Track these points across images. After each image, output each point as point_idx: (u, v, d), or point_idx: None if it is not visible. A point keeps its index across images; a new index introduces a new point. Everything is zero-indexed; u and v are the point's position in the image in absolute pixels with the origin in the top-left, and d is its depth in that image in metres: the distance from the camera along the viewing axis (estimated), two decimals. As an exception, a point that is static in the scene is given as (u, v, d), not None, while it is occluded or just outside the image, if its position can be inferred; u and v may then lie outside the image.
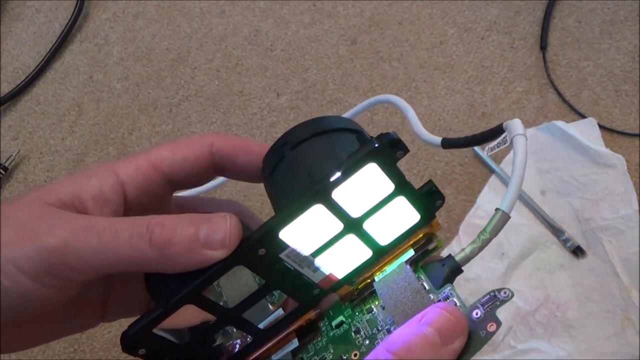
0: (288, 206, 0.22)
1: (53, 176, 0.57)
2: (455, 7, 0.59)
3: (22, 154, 0.58)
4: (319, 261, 0.24)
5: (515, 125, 0.24)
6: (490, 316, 0.22)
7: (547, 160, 0.52)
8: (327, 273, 0.24)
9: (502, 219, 0.23)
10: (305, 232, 0.23)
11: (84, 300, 0.25)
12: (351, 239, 0.24)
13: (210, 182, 0.28)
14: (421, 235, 0.25)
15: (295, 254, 0.23)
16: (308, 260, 0.23)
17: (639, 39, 0.56)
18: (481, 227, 0.26)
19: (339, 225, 0.23)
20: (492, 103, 0.55)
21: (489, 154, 0.25)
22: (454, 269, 0.24)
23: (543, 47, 0.56)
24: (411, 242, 0.25)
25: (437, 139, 0.28)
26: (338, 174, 0.21)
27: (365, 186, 0.22)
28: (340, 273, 0.25)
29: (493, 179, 0.52)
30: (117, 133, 0.58)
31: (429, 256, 0.26)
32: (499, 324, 0.22)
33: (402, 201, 0.23)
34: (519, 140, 0.23)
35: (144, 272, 0.24)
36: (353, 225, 0.23)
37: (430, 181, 0.24)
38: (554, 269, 0.49)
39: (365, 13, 0.60)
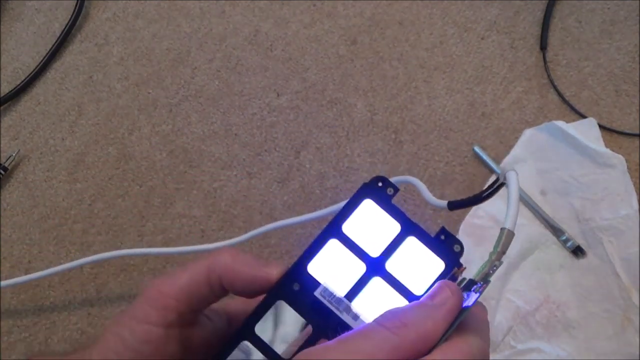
0: (310, 245, 0.27)
1: (53, 176, 0.57)
2: (455, 7, 0.59)
3: (22, 154, 0.58)
4: (356, 306, 0.27)
5: (507, 165, 0.29)
6: (485, 280, 0.26)
7: (547, 160, 0.52)
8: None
9: (508, 236, 0.26)
10: (331, 268, 0.27)
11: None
12: (380, 284, 0.27)
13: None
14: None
15: (329, 294, 0.26)
16: (344, 304, 0.27)
17: (639, 39, 0.56)
18: (481, 227, 0.27)
19: (361, 266, 0.27)
20: (492, 103, 0.55)
21: (486, 194, 0.29)
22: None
23: (543, 47, 0.56)
24: None
25: (443, 203, 0.31)
26: (341, 209, 0.27)
27: (371, 224, 0.27)
28: None
29: (493, 179, 0.52)
30: (117, 133, 0.58)
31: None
32: (488, 282, 0.26)
33: (416, 243, 0.27)
34: (510, 175, 0.28)
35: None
36: (375, 267, 0.27)
37: (442, 227, 0.28)
38: (554, 269, 0.49)
39: (365, 13, 0.59)
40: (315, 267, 0.27)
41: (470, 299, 0.25)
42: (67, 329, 0.52)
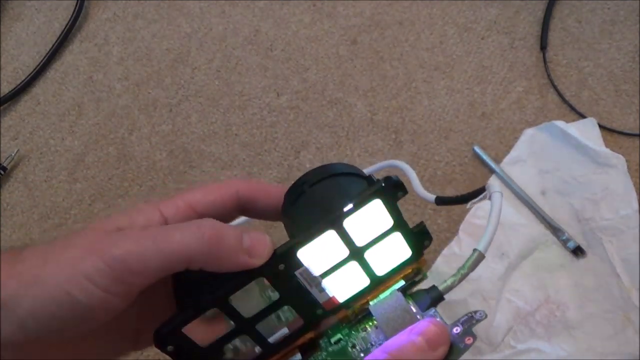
0: (307, 230, 0.26)
1: (53, 176, 0.57)
2: (455, 7, 0.59)
3: (21, 153, 0.58)
4: (325, 283, 0.28)
5: (494, 184, 0.30)
6: (468, 332, 0.27)
7: (547, 160, 0.52)
8: (330, 295, 0.28)
9: (478, 258, 0.28)
10: (318, 254, 0.27)
11: (122, 326, 0.28)
12: (354, 266, 0.28)
13: (234, 221, 0.34)
14: (410, 270, 0.29)
15: (307, 274, 0.27)
16: (317, 281, 0.28)
17: (639, 39, 0.56)
18: (481, 226, 0.28)
19: (345, 252, 0.27)
20: (492, 103, 0.55)
21: (470, 206, 0.31)
22: (437, 297, 0.29)
23: (543, 47, 0.56)
24: (402, 275, 0.29)
25: (432, 196, 0.33)
26: (350, 206, 0.26)
27: (369, 219, 0.27)
28: (341, 297, 0.29)
29: (493, 179, 0.52)
30: (117, 133, 0.58)
31: (416, 286, 0.30)
32: (474, 337, 0.27)
33: (397, 237, 0.28)
34: (495, 196, 0.29)
35: (174, 278, 0.28)
36: (357, 253, 0.28)
37: (421, 222, 0.29)
38: (554, 269, 0.49)
39: (365, 13, 0.60)
40: (305, 252, 0.27)
41: (458, 339, 0.27)
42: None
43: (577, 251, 0.48)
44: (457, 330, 0.27)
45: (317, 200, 0.29)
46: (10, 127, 0.59)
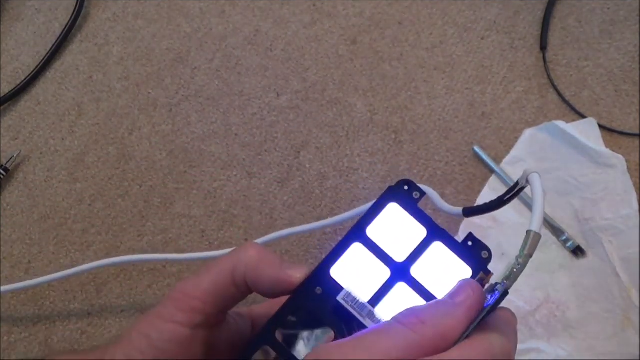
0: (333, 248, 0.26)
1: (53, 176, 0.57)
2: (455, 7, 0.59)
3: (22, 154, 0.58)
4: (379, 312, 0.26)
5: (529, 169, 0.27)
6: (510, 279, 0.25)
7: (547, 160, 0.52)
8: None
9: (534, 239, 0.25)
10: (354, 273, 0.26)
11: None
12: (404, 289, 0.26)
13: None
14: None
15: (352, 299, 0.26)
16: (367, 309, 0.26)
17: (639, 39, 0.56)
18: (481, 227, 0.27)
19: (385, 271, 0.26)
20: (492, 103, 0.55)
21: (507, 198, 0.28)
22: (502, 293, 0.26)
23: (543, 47, 0.56)
24: None
25: (458, 210, 0.30)
26: (365, 214, 0.26)
27: (397, 228, 0.26)
28: None
29: (493, 179, 0.52)
30: (117, 133, 0.58)
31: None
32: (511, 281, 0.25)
33: (443, 250, 0.26)
34: (533, 177, 0.26)
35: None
36: (400, 272, 0.26)
37: (470, 233, 0.27)
38: (554, 269, 0.49)
39: (365, 13, 0.60)
40: (338, 271, 0.26)
41: (493, 298, 0.25)
42: (67, 329, 0.52)
43: (577, 251, 0.48)
44: (499, 287, 0.25)
45: None
46: (10, 127, 0.59)
